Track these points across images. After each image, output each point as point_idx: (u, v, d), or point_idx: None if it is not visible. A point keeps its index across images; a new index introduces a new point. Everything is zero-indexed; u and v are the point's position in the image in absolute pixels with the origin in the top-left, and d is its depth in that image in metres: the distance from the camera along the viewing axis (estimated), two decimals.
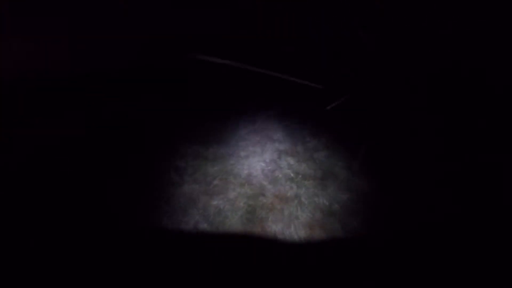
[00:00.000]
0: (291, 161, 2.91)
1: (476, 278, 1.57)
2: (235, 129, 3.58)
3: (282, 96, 4.70)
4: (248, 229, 2.01)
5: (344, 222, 2.05)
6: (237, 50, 5.09)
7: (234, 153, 3.03)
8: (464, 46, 3.85)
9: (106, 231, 1.87)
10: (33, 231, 1.79)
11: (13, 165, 2.40)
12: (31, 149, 2.62)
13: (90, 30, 4.37)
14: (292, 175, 2.70)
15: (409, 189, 2.37)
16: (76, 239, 1.78)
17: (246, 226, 2.08)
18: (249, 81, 5.04)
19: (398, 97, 4.09)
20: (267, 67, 5.02)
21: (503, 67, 3.57)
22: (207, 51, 5.07)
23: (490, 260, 1.67)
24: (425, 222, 1.97)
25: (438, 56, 4.07)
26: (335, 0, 4.21)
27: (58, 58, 4.20)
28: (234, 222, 2.11)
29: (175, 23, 4.82)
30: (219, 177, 2.64)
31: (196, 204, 2.31)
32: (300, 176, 2.68)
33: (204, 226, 2.08)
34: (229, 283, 1.55)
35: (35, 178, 2.32)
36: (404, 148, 3.04)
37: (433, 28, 3.93)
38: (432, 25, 3.92)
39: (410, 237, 1.85)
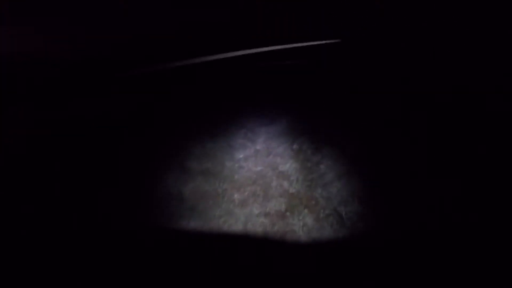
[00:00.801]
0: (308, 218, 1.94)
1: (476, 278, 1.54)
2: (228, 151, 2.56)
3: (288, 102, 3.75)
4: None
5: (344, 222, 1.92)
6: (237, 49, 4.92)
7: (225, 194, 2.02)
8: (466, 69, 3.94)
9: (101, 232, 1.77)
10: (31, 231, 1.76)
11: (8, 161, 2.36)
12: (28, 148, 2.56)
13: (90, 28, 4.41)
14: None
15: (409, 189, 2.22)
16: (72, 239, 1.71)
17: None
18: (249, 83, 4.29)
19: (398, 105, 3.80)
20: (267, 66, 4.86)
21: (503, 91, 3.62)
22: (207, 51, 4.99)
23: (490, 260, 1.65)
24: (425, 222, 1.92)
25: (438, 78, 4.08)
26: (335, 0, 4.26)
27: (57, 54, 4.16)
28: None
29: (175, 23, 4.81)
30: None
31: None
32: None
33: None
34: (228, 284, 1.47)
35: (31, 177, 2.21)
36: (404, 148, 2.76)
37: (433, 29, 4.01)
38: (432, 25, 3.98)
39: (410, 237, 1.79)
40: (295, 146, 2.77)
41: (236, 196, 2.01)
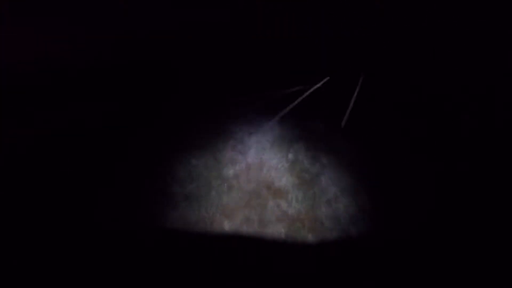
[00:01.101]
0: (311, 237, 1.71)
1: (475, 278, 1.53)
2: (215, 167, 2.33)
3: (281, 106, 3.51)
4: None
5: (344, 223, 1.86)
6: (237, 50, 4.91)
7: (213, 222, 1.80)
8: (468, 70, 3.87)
9: (101, 231, 1.73)
10: (31, 231, 1.73)
11: (8, 161, 2.34)
12: (28, 148, 2.52)
13: (90, 28, 4.40)
14: None
15: (408, 190, 2.16)
16: (72, 238, 1.67)
17: None
18: (236, 86, 4.11)
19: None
20: (267, 67, 4.83)
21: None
22: (207, 51, 4.96)
23: (490, 260, 1.63)
24: (424, 223, 1.89)
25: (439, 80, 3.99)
26: (335, 0, 4.23)
27: (57, 54, 4.17)
28: None
29: (175, 23, 4.78)
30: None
31: None
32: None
33: None
34: (228, 283, 1.44)
35: (31, 177, 2.16)
36: (404, 149, 2.66)
37: (433, 30, 3.97)
38: (431, 25, 3.94)
39: (410, 238, 1.75)
40: (290, 156, 2.51)
41: (226, 223, 1.79)
